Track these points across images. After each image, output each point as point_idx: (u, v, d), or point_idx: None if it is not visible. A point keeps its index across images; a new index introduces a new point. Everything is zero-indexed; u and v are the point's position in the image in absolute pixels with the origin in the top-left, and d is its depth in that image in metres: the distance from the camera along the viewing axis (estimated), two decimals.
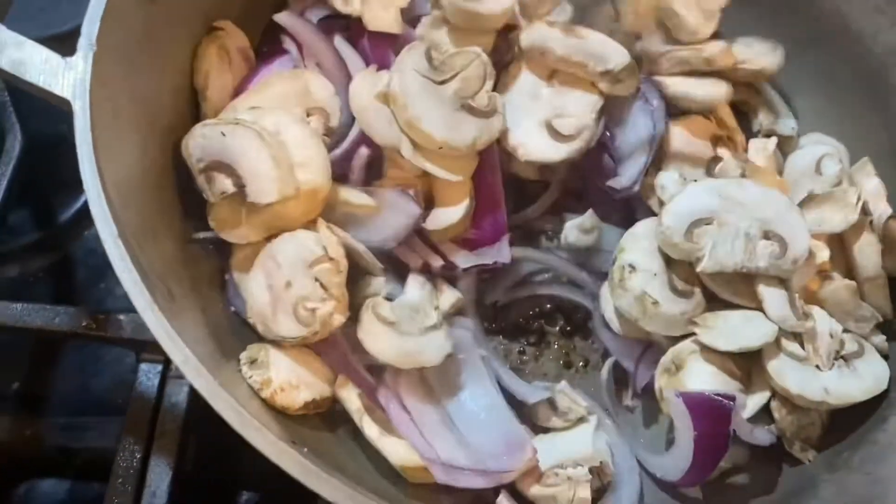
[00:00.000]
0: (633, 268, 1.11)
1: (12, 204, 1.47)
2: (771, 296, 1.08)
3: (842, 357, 1.10)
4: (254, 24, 1.30)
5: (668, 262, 1.12)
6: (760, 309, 1.09)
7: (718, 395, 1.01)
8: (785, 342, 1.07)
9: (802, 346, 1.08)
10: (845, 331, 1.13)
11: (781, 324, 1.07)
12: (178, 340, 0.83)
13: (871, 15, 1.30)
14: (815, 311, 1.11)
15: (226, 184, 1.04)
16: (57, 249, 1.56)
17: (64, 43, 1.01)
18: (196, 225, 1.16)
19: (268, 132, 1.04)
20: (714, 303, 1.12)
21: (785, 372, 1.06)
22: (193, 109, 1.20)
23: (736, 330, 1.07)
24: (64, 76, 0.95)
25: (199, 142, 1.05)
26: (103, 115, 0.96)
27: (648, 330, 1.12)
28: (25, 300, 1.28)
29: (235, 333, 1.11)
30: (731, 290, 1.11)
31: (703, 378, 1.08)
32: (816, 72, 1.40)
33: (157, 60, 1.11)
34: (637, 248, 1.12)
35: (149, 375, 1.24)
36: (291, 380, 1.04)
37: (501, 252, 1.17)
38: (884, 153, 1.32)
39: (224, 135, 1.03)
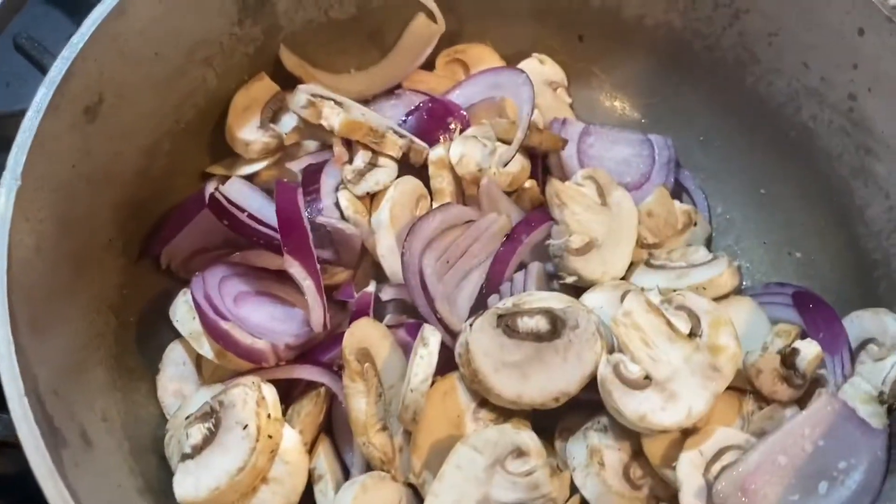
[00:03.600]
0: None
1: None
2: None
3: None
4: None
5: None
6: None
7: None
8: None
9: None
10: None
11: None
12: None
13: (837, 135, 1.27)
14: None
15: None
16: None
17: None
18: (134, 341, 1.14)
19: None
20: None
21: None
22: (137, 223, 1.18)
23: None
24: None
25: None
26: (24, 251, 0.94)
27: None
28: None
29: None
30: None
31: None
32: (786, 184, 1.38)
33: (97, 178, 1.09)
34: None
35: None
36: None
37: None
38: (849, 270, 1.30)
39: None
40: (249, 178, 1.28)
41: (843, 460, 1.07)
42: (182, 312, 1.13)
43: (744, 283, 1.39)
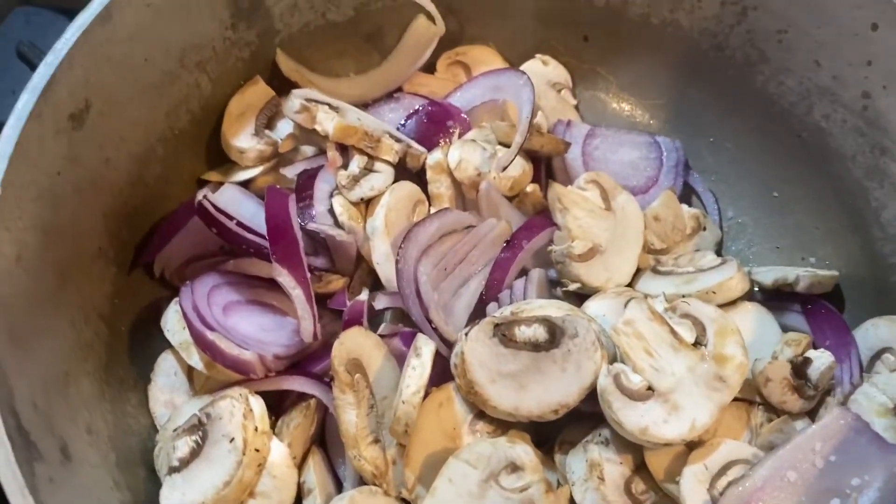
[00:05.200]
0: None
1: None
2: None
3: None
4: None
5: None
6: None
7: None
8: None
9: None
10: None
11: None
12: None
13: (851, 135, 1.22)
14: None
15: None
16: None
17: None
18: (126, 351, 1.12)
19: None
20: None
21: None
22: (130, 231, 1.16)
23: None
24: None
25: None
26: (2, 261, 0.92)
27: None
28: None
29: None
30: None
31: None
32: (799, 187, 1.33)
33: (85, 186, 1.07)
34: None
35: None
36: None
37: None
38: (864, 275, 1.25)
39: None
40: (245, 184, 1.26)
41: (856, 477, 1.01)
42: (173, 322, 1.11)
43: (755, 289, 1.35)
